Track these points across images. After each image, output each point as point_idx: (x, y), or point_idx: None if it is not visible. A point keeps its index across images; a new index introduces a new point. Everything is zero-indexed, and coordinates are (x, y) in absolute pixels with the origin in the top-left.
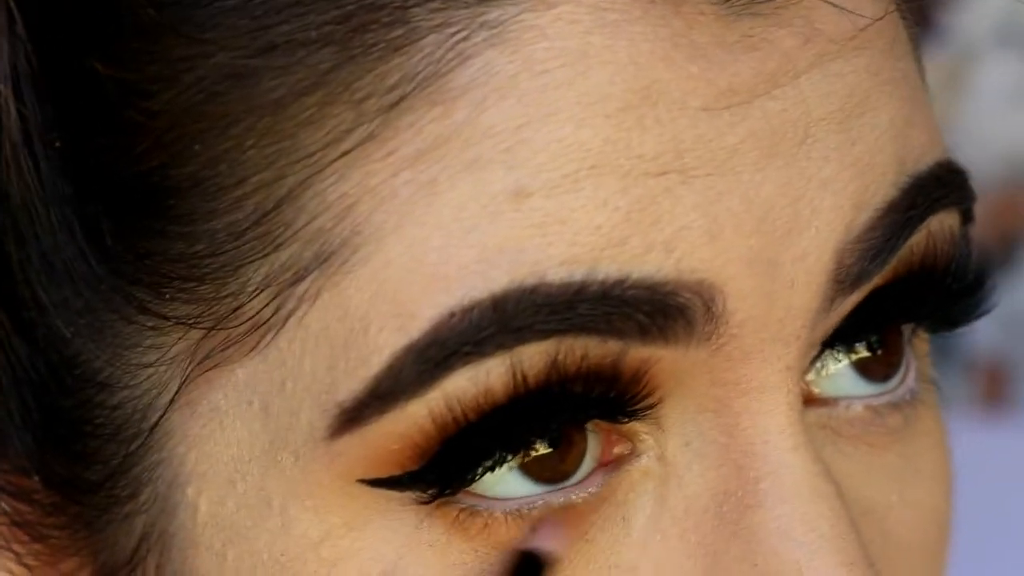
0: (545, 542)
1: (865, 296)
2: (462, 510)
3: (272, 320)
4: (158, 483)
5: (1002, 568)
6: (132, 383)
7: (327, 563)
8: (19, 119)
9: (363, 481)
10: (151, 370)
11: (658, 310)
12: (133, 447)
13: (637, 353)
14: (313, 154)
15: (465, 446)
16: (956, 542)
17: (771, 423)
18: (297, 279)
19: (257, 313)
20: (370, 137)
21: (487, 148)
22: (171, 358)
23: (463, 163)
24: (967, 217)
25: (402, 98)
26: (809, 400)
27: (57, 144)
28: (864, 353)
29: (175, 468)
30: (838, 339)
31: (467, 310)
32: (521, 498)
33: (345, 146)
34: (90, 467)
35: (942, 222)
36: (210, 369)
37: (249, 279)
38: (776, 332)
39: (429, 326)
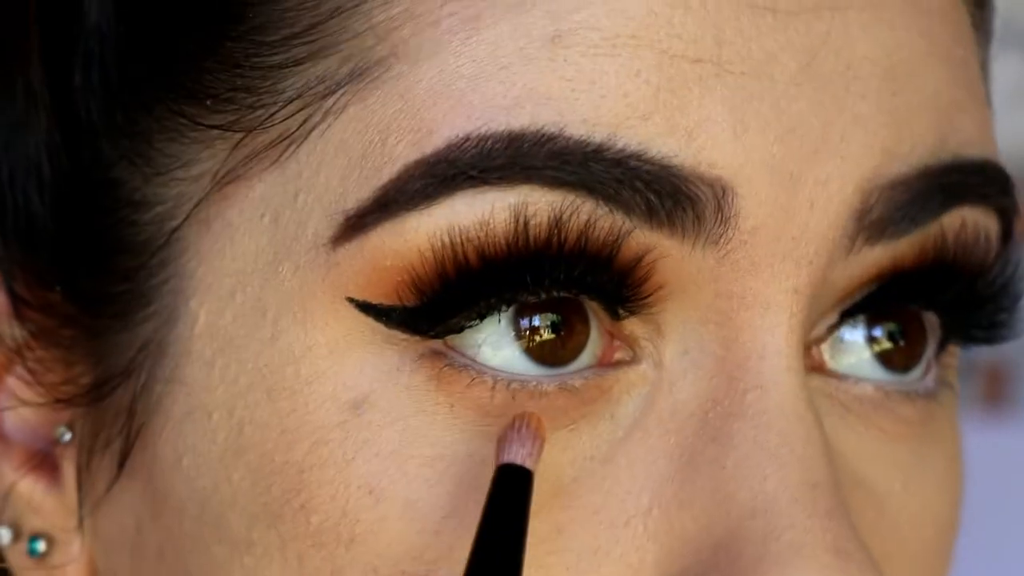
0: (519, 454)
1: (891, 277)
2: (448, 364)
3: (298, 132)
4: (166, 296)
5: (1003, 568)
6: (163, 200)
7: (303, 380)
8: None
9: (353, 301)
10: (180, 187)
11: (668, 193)
12: (152, 262)
13: (643, 237)
14: None
15: (459, 289)
16: (957, 542)
17: (769, 341)
18: (328, 92)
19: (285, 122)
20: None
21: None
22: (198, 174)
23: (508, 4)
24: (1007, 233)
25: None
26: (820, 369)
27: None
28: (886, 344)
29: (183, 281)
30: (859, 312)
31: (483, 138)
32: (517, 373)
33: None
34: (112, 280)
35: (981, 221)
36: (229, 183)
37: (286, 88)
38: (788, 249)
39: (443, 144)
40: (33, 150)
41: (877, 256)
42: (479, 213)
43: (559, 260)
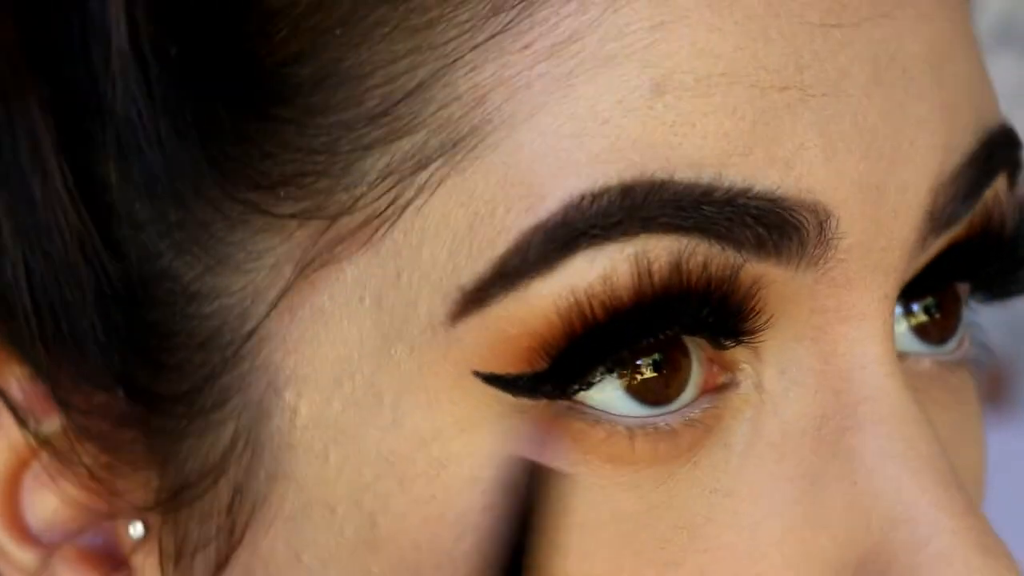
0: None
1: (937, 257)
2: (575, 415)
3: (388, 211)
4: (250, 390)
5: None
6: (229, 291)
7: (436, 463)
8: (128, 26)
9: (479, 374)
10: (250, 276)
11: (775, 225)
12: (225, 356)
13: (752, 269)
14: (447, 43)
15: (584, 344)
16: None
17: (869, 350)
18: (419, 167)
19: (373, 203)
20: (505, 29)
21: (623, 45)
22: (272, 263)
23: (599, 59)
24: (1012, 183)
25: None
26: None
27: (173, 51)
28: (923, 317)
29: (271, 374)
30: (916, 292)
31: (597, 195)
32: (626, 415)
33: (480, 37)
34: (177, 378)
35: (1003, 183)
36: (316, 271)
37: (369, 170)
38: (878, 260)
39: (558, 207)
40: (61, 250)
41: (938, 244)
42: (600, 269)
43: (681, 303)
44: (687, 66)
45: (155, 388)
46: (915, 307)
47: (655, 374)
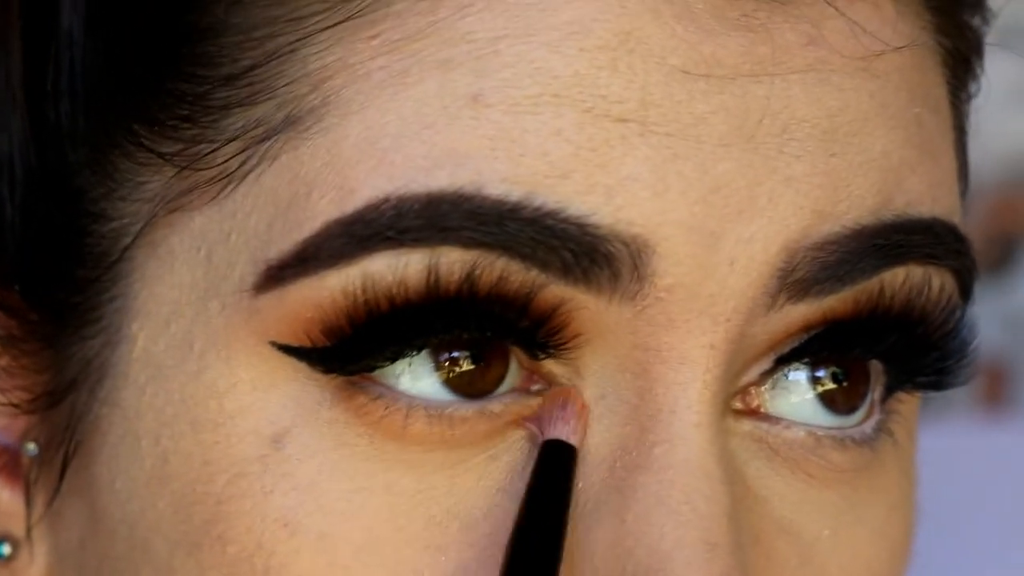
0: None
1: (824, 327)
2: (367, 396)
3: (236, 173)
4: (113, 314)
5: (1002, 567)
6: (119, 215)
7: (226, 414)
8: None
9: (274, 344)
10: (134, 205)
11: (585, 252)
12: (105, 275)
13: (558, 290)
14: (308, 17)
15: (372, 334)
16: (956, 541)
17: (681, 396)
18: (265, 137)
19: (225, 162)
20: (360, 14)
21: (461, 52)
22: (149, 196)
23: (436, 61)
24: (964, 290)
25: None
26: (754, 413)
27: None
28: (830, 385)
29: (128, 302)
30: (796, 358)
31: (401, 200)
32: (435, 400)
33: (336, 17)
34: (68, 290)
35: (931, 276)
36: (174, 211)
37: (227, 127)
38: (705, 306)
39: (363, 205)
40: (7, 146)
41: (803, 312)
42: (394, 271)
43: (471, 310)
44: (517, 81)
45: (51, 296)
46: (820, 373)
47: (472, 367)
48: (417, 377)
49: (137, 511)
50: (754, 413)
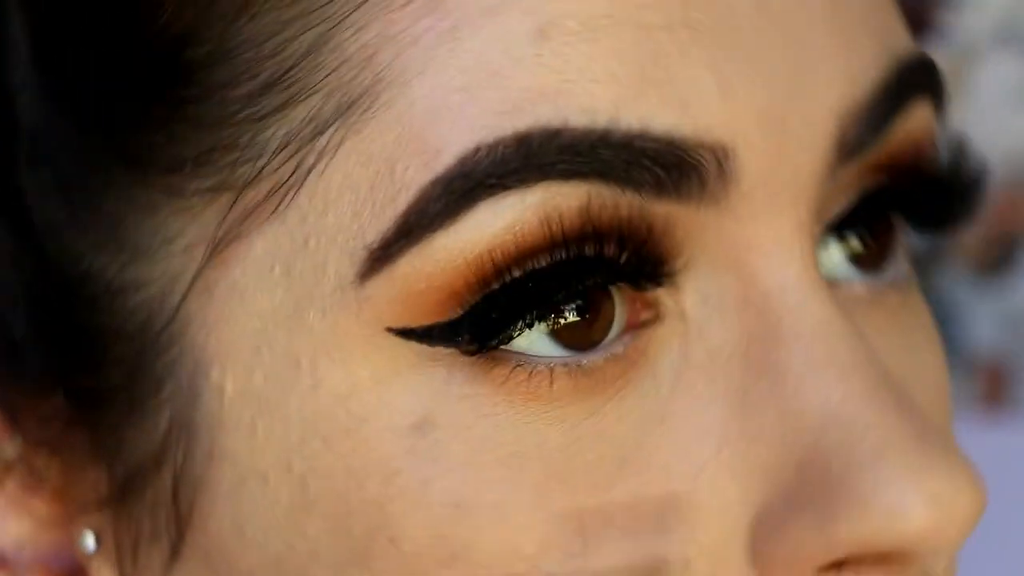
0: None
1: (861, 192)
2: (496, 363)
3: (292, 179)
4: (180, 374)
5: (1002, 568)
6: (150, 281)
7: (356, 418)
8: (26, 37)
9: (392, 330)
10: (167, 263)
11: (674, 165)
12: (154, 344)
13: (654, 209)
14: (330, 4)
15: (500, 298)
16: None
17: (788, 273)
18: (317, 132)
19: (276, 172)
20: None
21: None
22: (185, 247)
23: (482, 10)
24: (939, 109)
25: None
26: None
27: (68, 53)
28: (857, 246)
29: (196, 355)
30: (834, 231)
31: (492, 146)
32: (548, 356)
33: None
34: (111, 372)
35: (923, 110)
36: (227, 247)
37: (269, 140)
38: (786, 191)
39: (454, 160)
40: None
41: (850, 173)
42: (505, 218)
43: (596, 253)
44: (569, 10)
45: (94, 385)
46: (848, 235)
47: (578, 319)
48: (530, 337)
49: (283, 547)
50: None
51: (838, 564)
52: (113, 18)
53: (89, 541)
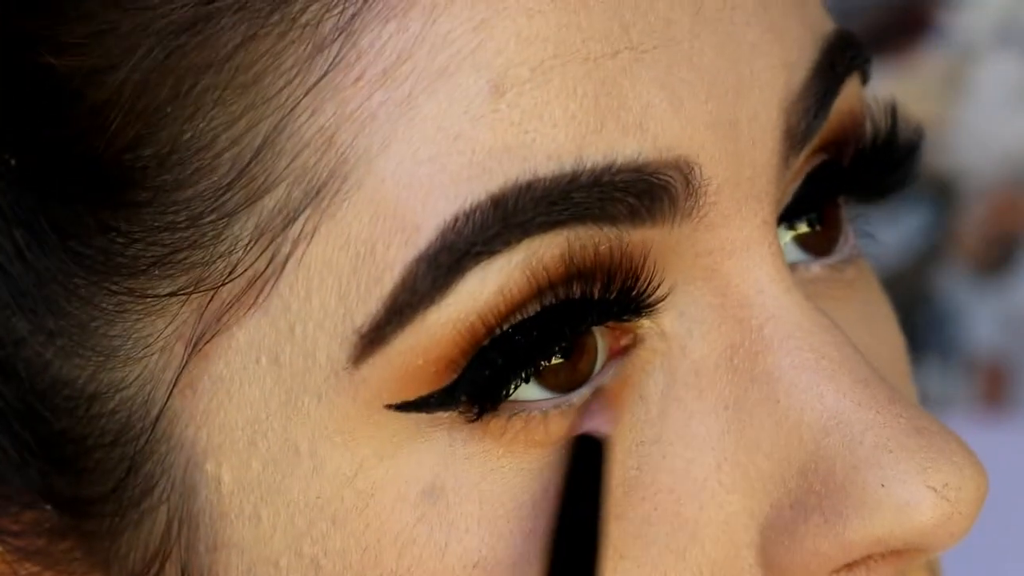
0: (595, 424)
1: (804, 178)
2: (502, 419)
3: (268, 270)
4: (172, 471)
5: (1003, 568)
6: (126, 384)
7: (363, 495)
8: None
9: (390, 406)
10: (143, 364)
11: (644, 191)
12: (139, 446)
13: (630, 238)
14: (279, 92)
15: (492, 355)
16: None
17: (761, 274)
18: (289, 221)
19: (252, 266)
20: (333, 66)
21: (451, 54)
22: (162, 346)
23: (433, 73)
24: (865, 78)
25: (354, 16)
26: None
27: (12, 162)
28: (804, 229)
29: (187, 451)
30: (783, 217)
31: (469, 214)
32: (539, 401)
33: (311, 79)
34: (98, 479)
35: (855, 83)
36: (207, 343)
37: (239, 234)
38: (748, 190)
39: (435, 234)
40: None
41: (800, 159)
42: (495, 283)
43: (583, 299)
44: (518, 58)
45: (79, 494)
46: (799, 224)
47: (563, 360)
48: (519, 386)
49: None
50: None
51: (849, 566)
52: (55, 125)
53: None
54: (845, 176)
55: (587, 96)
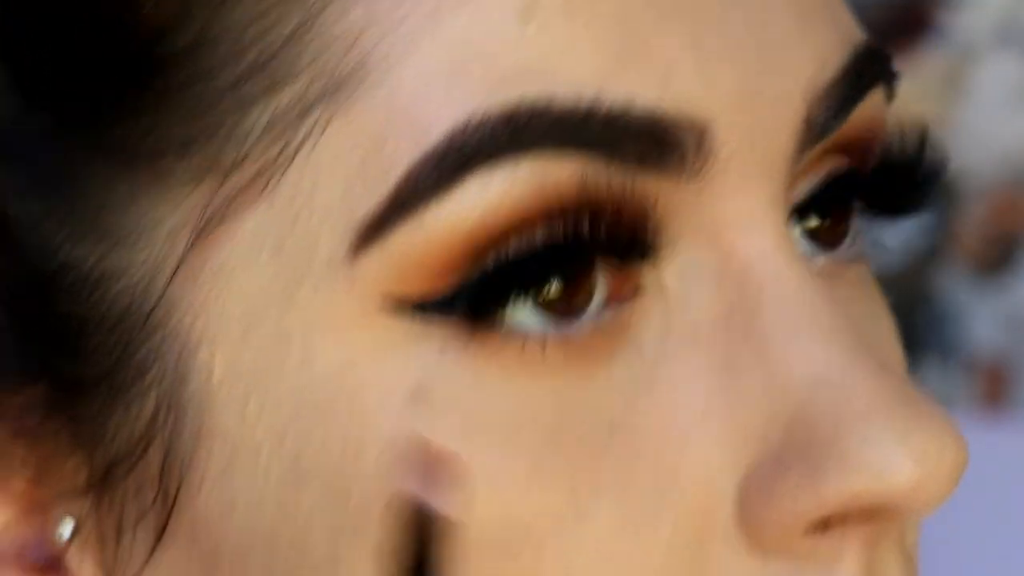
0: None
1: (823, 179)
2: (487, 333)
3: (279, 160)
4: (166, 358)
5: (1003, 567)
6: (131, 269)
7: (348, 392)
8: None
9: (386, 304)
10: (149, 250)
11: (656, 141)
12: (137, 331)
13: (639, 184)
14: None
15: (493, 272)
16: (956, 541)
17: (764, 245)
18: (304, 114)
19: (263, 156)
20: None
21: None
22: (168, 232)
23: None
24: (891, 95)
25: None
26: None
27: (42, 47)
28: (813, 223)
29: (182, 339)
30: (794, 212)
31: (481, 121)
32: (537, 330)
33: None
34: (95, 362)
35: (878, 96)
36: (212, 231)
37: (254, 124)
38: (760, 166)
39: (444, 136)
40: None
41: (815, 154)
42: (496, 191)
43: (592, 225)
44: None
45: (75, 375)
46: (807, 216)
47: (561, 287)
48: (517, 307)
49: (276, 521)
50: None
51: (824, 524)
52: (92, 11)
53: (66, 530)
54: (864, 184)
55: (614, 40)
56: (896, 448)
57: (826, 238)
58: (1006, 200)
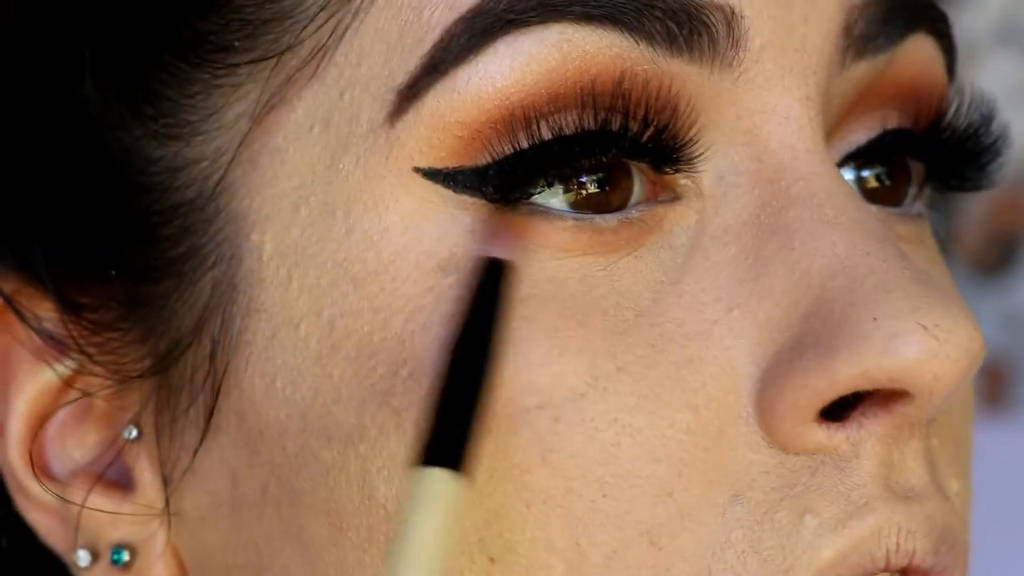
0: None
1: (879, 134)
2: (515, 211)
3: (330, 40)
4: (224, 243)
5: (1003, 567)
6: (199, 157)
7: (385, 260)
8: None
9: (420, 171)
10: (217, 140)
11: (684, 21)
12: (201, 217)
13: (667, 66)
14: None
15: (526, 152)
16: None
17: (799, 143)
18: None
19: (315, 35)
20: None
21: None
22: (232, 119)
23: None
24: (951, 68)
25: None
26: None
27: None
28: (874, 184)
29: (239, 222)
30: (853, 159)
31: None
32: (564, 215)
33: None
34: (163, 251)
35: (928, 47)
36: (268, 115)
37: (310, 5)
38: (794, 61)
39: (475, 0)
40: (51, 159)
41: (863, 72)
42: (524, 54)
43: (618, 127)
44: None
45: (149, 264)
46: (866, 173)
47: (598, 190)
48: (547, 200)
49: (309, 394)
50: None
51: (842, 415)
52: None
53: (132, 433)
54: (917, 142)
55: None
56: (906, 320)
57: (886, 196)
58: (1006, 200)
